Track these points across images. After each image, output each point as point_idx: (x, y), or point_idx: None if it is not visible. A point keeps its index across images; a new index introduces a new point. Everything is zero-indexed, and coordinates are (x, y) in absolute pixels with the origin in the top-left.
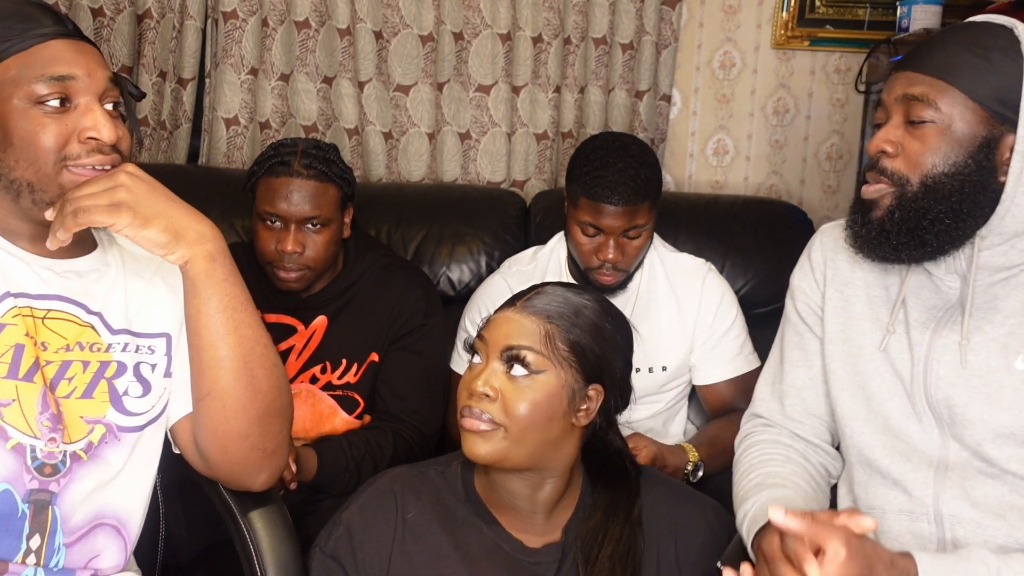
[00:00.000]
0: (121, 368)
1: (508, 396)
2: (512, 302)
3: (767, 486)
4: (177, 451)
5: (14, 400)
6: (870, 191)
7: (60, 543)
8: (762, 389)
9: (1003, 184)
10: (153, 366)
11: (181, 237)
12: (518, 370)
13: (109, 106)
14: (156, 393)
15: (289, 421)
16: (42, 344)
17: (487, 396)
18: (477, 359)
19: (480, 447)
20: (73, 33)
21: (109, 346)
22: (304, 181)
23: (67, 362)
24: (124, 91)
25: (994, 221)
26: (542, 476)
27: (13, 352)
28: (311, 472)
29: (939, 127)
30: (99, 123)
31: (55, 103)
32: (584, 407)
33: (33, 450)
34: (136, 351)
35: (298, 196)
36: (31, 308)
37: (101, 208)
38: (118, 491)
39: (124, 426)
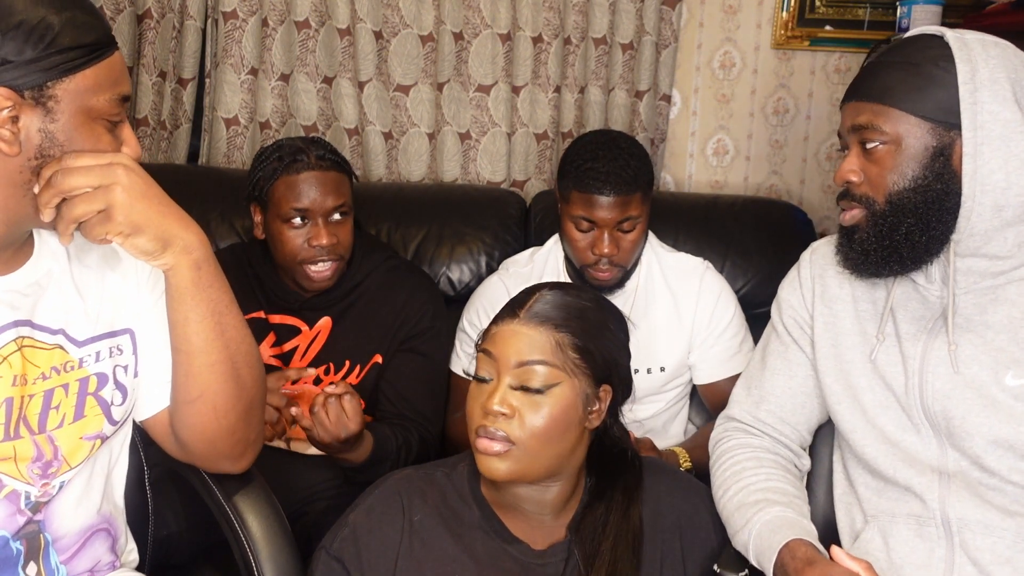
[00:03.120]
0: (103, 379)
1: (525, 413)
2: (513, 312)
3: (764, 503)
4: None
5: (10, 457)
6: (846, 218)
7: (56, 563)
8: (738, 392)
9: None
10: (125, 368)
11: (169, 245)
12: (533, 386)
13: None
14: (131, 398)
15: (264, 408)
16: (23, 378)
17: (503, 415)
18: (486, 376)
19: (499, 467)
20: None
21: (81, 361)
22: (324, 173)
23: (49, 391)
24: None
25: (961, 223)
26: (553, 481)
27: (5, 410)
28: (365, 452)
29: (890, 148)
30: (135, 143)
31: (116, 121)
32: (595, 409)
33: (28, 496)
34: (110, 355)
35: (324, 188)
36: (18, 338)
37: (94, 225)
38: (96, 496)
39: (109, 435)
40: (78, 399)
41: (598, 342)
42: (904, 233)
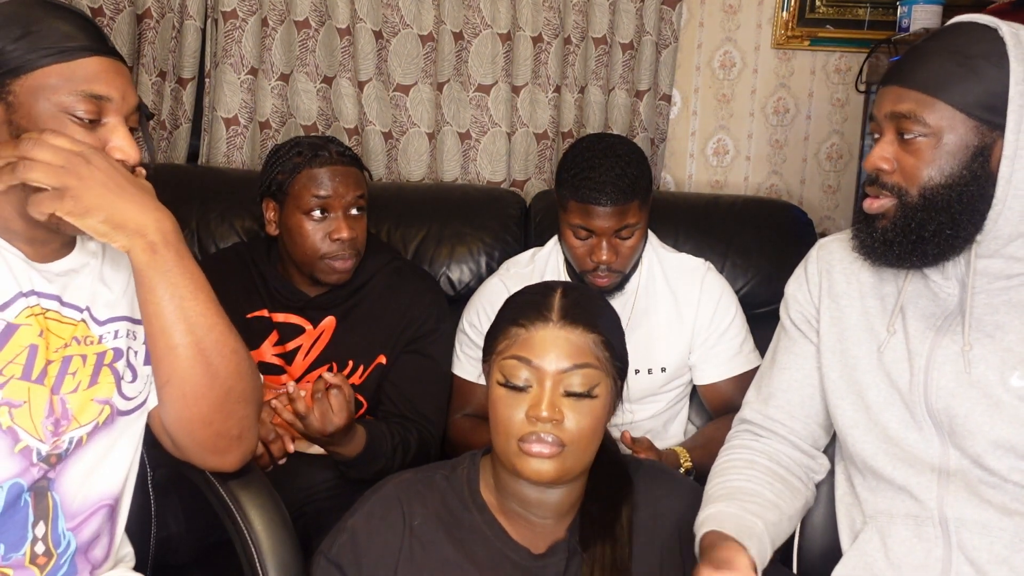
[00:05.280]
0: (118, 353)
1: (573, 416)
2: (541, 315)
3: (722, 498)
4: None
5: (25, 402)
6: (874, 206)
7: (64, 528)
8: (750, 393)
9: None
10: (136, 352)
11: (121, 228)
12: (582, 390)
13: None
14: (142, 379)
15: (256, 405)
16: (45, 342)
17: (555, 421)
18: (524, 384)
19: (548, 469)
20: (112, 52)
21: (100, 337)
22: (346, 167)
23: (68, 358)
24: (142, 113)
25: (987, 225)
26: (572, 481)
27: (27, 353)
28: (358, 447)
29: (930, 141)
30: (126, 145)
31: (87, 119)
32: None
33: (39, 452)
34: (127, 335)
35: (345, 179)
36: (41, 307)
37: (43, 199)
38: (107, 475)
39: (122, 410)
40: (94, 369)
41: (619, 339)
42: (933, 230)
